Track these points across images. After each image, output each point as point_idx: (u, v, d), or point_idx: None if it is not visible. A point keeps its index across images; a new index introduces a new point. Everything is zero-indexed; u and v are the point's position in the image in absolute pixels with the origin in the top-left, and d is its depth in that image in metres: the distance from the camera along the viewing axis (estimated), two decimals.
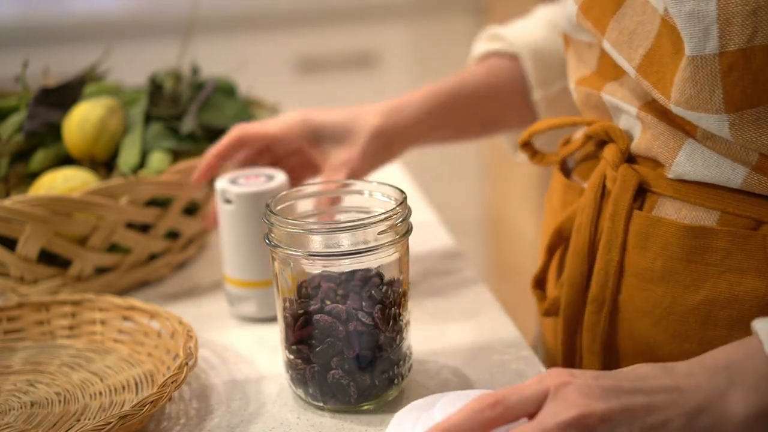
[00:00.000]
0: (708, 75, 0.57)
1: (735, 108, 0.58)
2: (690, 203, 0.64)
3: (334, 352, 0.64)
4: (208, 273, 0.93)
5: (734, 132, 0.59)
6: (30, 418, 0.66)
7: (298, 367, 0.65)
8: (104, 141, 0.91)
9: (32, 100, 0.92)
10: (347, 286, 0.64)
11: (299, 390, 0.66)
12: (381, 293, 0.64)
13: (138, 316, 0.76)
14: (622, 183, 0.66)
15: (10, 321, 0.78)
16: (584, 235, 0.68)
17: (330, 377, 0.64)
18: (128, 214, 0.85)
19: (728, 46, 0.56)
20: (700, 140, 0.63)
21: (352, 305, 0.63)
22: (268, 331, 0.79)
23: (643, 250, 0.65)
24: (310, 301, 0.64)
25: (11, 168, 0.90)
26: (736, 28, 0.56)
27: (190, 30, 1.26)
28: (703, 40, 0.57)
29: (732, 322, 0.63)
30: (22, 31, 2.16)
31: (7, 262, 0.83)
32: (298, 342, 0.65)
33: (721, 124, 0.59)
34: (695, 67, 0.58)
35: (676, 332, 0.65)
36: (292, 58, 2.29)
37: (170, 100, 0.96)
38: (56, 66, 1.08)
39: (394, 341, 0.65)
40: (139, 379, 0.71)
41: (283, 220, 0.63)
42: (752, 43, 0.56)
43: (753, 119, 0.58)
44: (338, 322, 0.63)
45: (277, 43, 2.27)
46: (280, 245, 0.63)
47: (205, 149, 0.94)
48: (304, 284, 0.65)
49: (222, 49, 1.95)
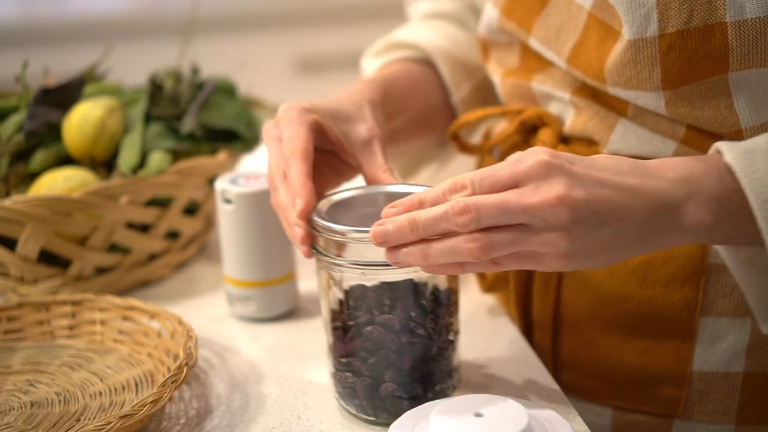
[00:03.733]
0: (648, 56, 0.63)
1: (671, 85, 0.64)
2: None
3: (387, 364, 0.62)
4: (208, 273, 0.93)
5: (669, 107, 0.65)
6: (30, 418, 0.66)
7: (347, 381, 0.63)
8: (104, 141, 0.91)
9: (32, 100, 0.92)
10: (393, 295, 0.61)
11: (348, 403, 0.65)
12: (431, 303, 0.62)
13: (138, 316, 0.76)
14: None
15: (10, 321, 0.78)
16: None
17: (383, 390, 0.62)
18: (128, 214, 0.85)
19: (667, 28, 0.62)
20: (631, 119, 0.69)
21: (402, 316, 0.61)
22: (268, 331, 0.79)
23: None
24: (357, 312, 0.62)
25: (11, 168, 0.90)
26: (674, 12, 0.62)
27: (190, 30, 1.26)
28: (644, 25, 0.63)
29: (668, 281, 0.68)
30: (22, 31, 2.16)
31: (7, 262, 0.83)
32: (348, 354, 0.63)
33: (659, 101, 0.65)
34: (636, 49, 0.64)
35: (618, 294, 0.70)
36: (292, 58, 2.29)
37: (170, 100, 0.96)
38: (56, 66, 1.08)
39: (446, 351, 0.63)
40: (139, 379, 0.71)
41: (332, 227, 0.60)
42: (689, 25, 0.62)
43: (687, 95, 0.64)
44: (392, 334, 0.61)
45: (277, 43, 2.27)
46: (329, 254, 0.61)
47: (205, 149, 0.94)
48: (348, 294, 0.62)
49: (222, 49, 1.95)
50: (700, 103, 0.64)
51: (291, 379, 0.71)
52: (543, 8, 0.72)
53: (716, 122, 0.64)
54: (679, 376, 0.69)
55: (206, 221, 0.96)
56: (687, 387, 0.69)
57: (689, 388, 0.69)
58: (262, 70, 2.10)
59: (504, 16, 0.76)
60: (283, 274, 0.80)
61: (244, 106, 1.02)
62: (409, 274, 0.60)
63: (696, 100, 0.64)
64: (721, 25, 0.61)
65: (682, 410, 0.70)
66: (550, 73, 0.74)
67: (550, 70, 0.74)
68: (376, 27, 2.32)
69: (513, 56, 0.79)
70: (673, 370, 0.69)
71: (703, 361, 0.69)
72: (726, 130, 0.64)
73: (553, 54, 0.72)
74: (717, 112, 0.64)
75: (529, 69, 0.76)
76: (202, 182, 0.91)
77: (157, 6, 2.20)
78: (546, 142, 0.73)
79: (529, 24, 0.73)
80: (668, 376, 0.70)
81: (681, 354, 0.69)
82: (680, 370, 0.69)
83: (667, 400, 0.70)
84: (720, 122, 0.64)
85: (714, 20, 0.61)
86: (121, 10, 2.25)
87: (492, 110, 0.79)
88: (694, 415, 0.70)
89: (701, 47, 0.62)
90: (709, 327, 0.68)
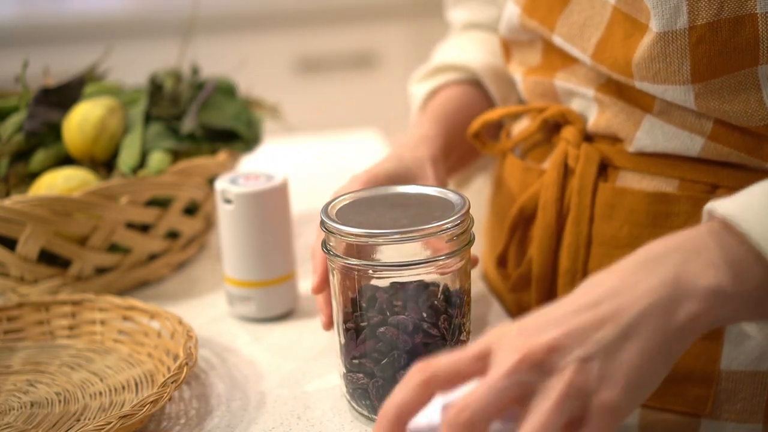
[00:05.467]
0: (677, 48, 0.63)
1: (701, 78, 0.63)
2: (650, 174, 0.69)
3: (400, 365, 0.61)
4: (208, 273, 0.93)
5: (698, 101, 0.64)
6: (30, 418, 0.66)
7: (359, 381, 0.63)
8: (104, 141, 0.91)
9: (32, 100, 0.93)
10: (403, 296, 0.61)
11: (359, 404, 0.64)
12: (443, 303, 0.62)
13: (138, 316, 0.76)
14: (586, 159, 0.71)
15: (10, 321, 0.78)
16: (551, 211, 0.73)
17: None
18: (128, 214, 0.85)
19: (697, 20, 0.62)
20: (657, 115, 0.68)
21: (414, 316, 0.61)
22: (268, 331, 0.79)
23: (610, 219, 0.70)
24: (370, 313, 0.62)
25: (11, 168, 0.90)
26: (704, 4, 0.61)
27: (190, 30, 1.26)
28: (674, 17, 0.62)
29: None
30: (22, 31, 2.16)
31: (7, 262, 0.83)
32: (360, 356, 0.63)
33: (687, 94, 0.64)
34: (665, 42, 0.63)
35: None
36: (292, 58, 2.30)
37: (170, 100, 0.96)
38: (56, 66, 1.08)
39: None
40: (139, 379, 0.71)
41: (344, 229, 0.60)
42: (719, 17, 0.61)
43: (716, 88, 0.63)
44: (405, 335, 0.61)
45: (277, 43, 2.27)
46: (340, 255, 0.61)
47: (205, 149, 0.95)
48: (361, 295, 0.62)
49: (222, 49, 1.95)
50: (730, 96, 0.63)
51: (291, 379, 0.71)
52: (565, 5, 0.72)
53: (746, 116, 0.63)
54: (707, 375, 0.68)
55: (206, 221, 0.96)
56: (715, 386, 0.68)
57: (717, 387, 0.68)
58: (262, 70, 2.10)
59: (525, 14, 0.75)
60: (283, 274, 0.81)
61: (244, 106, 1.02)
62: (420, 275, 0.61)
63: (725, 94, 0.63)
64: (751, 17, 0.60)
65: (710, 409, 0.69)
66: (574, 70, 0.73)
67: (574, 67, 0.74)
68: (377, 27, 2.33)
69: (534, 55, 0.78)
70: (701, 369, 0.68)
71: (731, 360, 0.68)
72: (755, 124, 0.64)
73: (577, 51, 0.71)
74: (746, 106, 0.63)
75: (552, 66, 0.76)
76: (202, 182, 0.91)
77: (157, 6, 2.20)
78: (569, 140, 0.72)
79: (552, 21, 0.73)
80: (696, 375, 0.69)
81: (709, 353, 0.68)
82: (708, 369, 0.68)
83: (694, 399, 0.69)
84: (749, 116, 0.63)
85: (744, 11, 0.60)
86: (121, 10, 2.25)
87: (514, 108, 0.79)
88: (722, 414, 0.69)
89: (731, 39, 0.61)
90: (737, 326, 0.66)
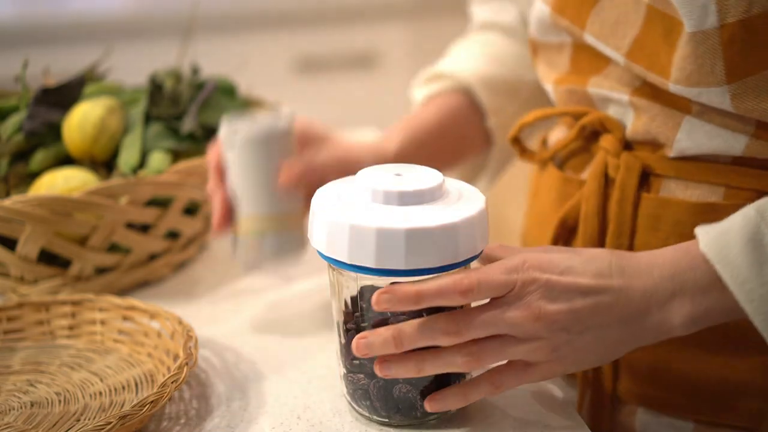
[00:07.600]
0: (709, 49, 0.60)
1: (736, 77, 0.61)
2: (694, 182, 0.66)
3: None
4: (208, 273, 0.93)
5: (735, 102, 0.61)
6: (30, 418, 0.66)
7: (359, 382, 0.63)
8: (104, 141, 0.91)
9: (32, 100, 0.93)
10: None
11: (359, 405, 0.64)
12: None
13: (138, 316, 0.76)
14: (626, 169, 0.68)
15: (10, 321, 0.78)
16: (593, 223, 0.70)
17: (396, 391, 0.62)
18: (128, 214, 0.85)
19: (727, 18, 0.59)
20: (696, 116, 0.65)
21: (415, 316, 0.60)
22: (268, 331, 0.79)
23: (655, 230, 0.67)
24: (370, 314, 0.61)
25: (11, 168, 0.90)
26: (733, 1, 0.59)
27: (190, 30, 1.26)
28: (702, 16, 0.60)
29: None
30: (22, 31, 2.16)
31: (7, 262, 0.83)
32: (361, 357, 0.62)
33: (723, 96, 0.62)
34: (696, 42, 0.61)
35: None
36: (292, 58, 2.29)
37: (170, 100, 0.96)
38: (56, 66, 1.08)
39: None
40: (139, 379, 0.71)
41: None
42: (750, 13, 0.59)
43: (753, 86, 0.61)
44: None
45: (277, 43, 2.27)
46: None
47: (205, 149, 0.94)
48: (360, 296, 0.62)
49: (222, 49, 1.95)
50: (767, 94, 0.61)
51: (291, 379, 0.71)
52: (596, 1, 0.69)
53: None
54: (763, 389, 0.66)
55: (206, 221, 0.96)
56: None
57: None
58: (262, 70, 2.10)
59: (555, 12, 0.73)
60: (295, 211, 0.78)
61: (244, 106, 1.02)
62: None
63: (762, 92, 0.61)
64: None
65: (767, 424, 0.67)
66: (607, 74, 0.71)
67: (606, 71, 0.71)
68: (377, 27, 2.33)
69: (563, 58, 0.76)
70: (758, 383, 0.67)
71: None
72: None
73: (610, 49, 0.68)
74: None
75: (583, 71, 0.73)
76: (202, 182, 0.91)
77: (157, 6, 2.20)
78: (608, 149, 0.70)
79: (582, 19, 0.70)
80: (752, 389, 0.67)
81: (765, 366, 0.66)
82: (764, 383, 0.66)
83: (750, 413, 0.67)
84: None
85: None
86: (121, 10, 2.25)
87: (550, 111, 0.77)
88: None
89: (766, 35, 0.59)
90: None
